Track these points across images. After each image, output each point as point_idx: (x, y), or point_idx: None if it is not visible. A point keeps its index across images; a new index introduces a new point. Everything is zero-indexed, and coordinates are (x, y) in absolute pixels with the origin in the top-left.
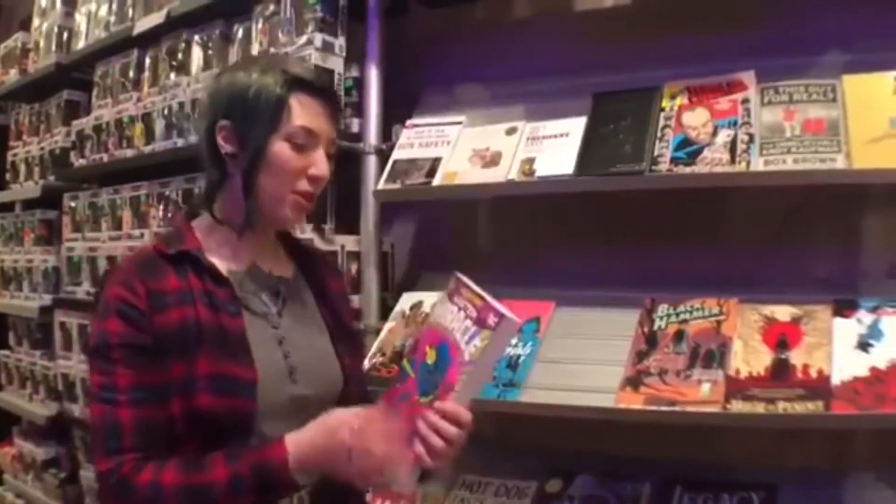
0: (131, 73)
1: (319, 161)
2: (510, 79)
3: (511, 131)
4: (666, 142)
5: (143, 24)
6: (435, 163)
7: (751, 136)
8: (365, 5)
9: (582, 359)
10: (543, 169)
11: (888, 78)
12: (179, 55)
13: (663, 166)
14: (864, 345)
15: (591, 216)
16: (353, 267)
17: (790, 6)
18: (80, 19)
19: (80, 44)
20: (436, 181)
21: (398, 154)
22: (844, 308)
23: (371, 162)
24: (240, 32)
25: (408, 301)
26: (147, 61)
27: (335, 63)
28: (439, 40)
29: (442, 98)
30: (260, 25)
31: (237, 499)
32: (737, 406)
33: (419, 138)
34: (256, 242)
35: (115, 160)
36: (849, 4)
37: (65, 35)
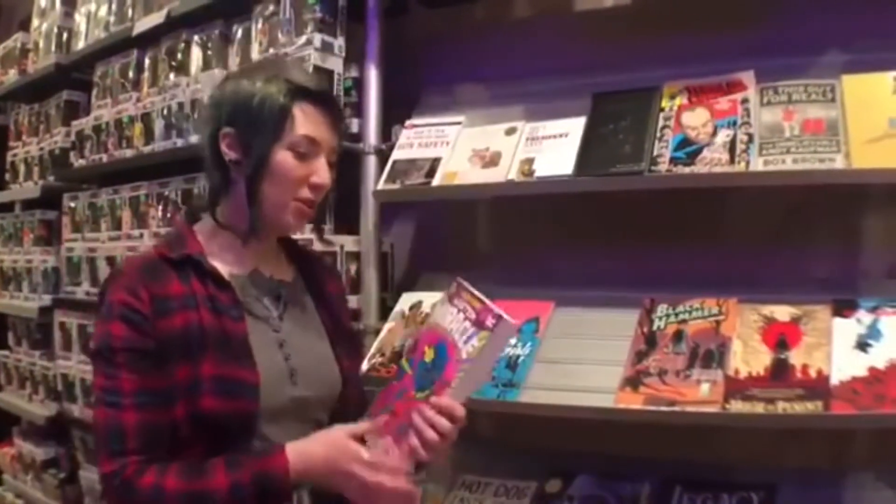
0: (131, 74)
1: (321, 169)
2: (510, 79)
3: (510, 131)
4: (665, 142)
5: (143, 25)
6: (434, 163)
7: (750, 136)
8: (364, 5)
9: (581, 359)
10: (543, 169)
11: (887, 78)
12: (179, 55)
13: (663, 166)
14: (864, 345)
15: (591, 216)
16: (353, 267)
17: (790, 6)
18: (80, 20)
19: (80, 44)
20: (435, 181)
21: (398, 154)
22: (844, 308)
23: (370, 162)
24: (239, 33)
25: (407, 301)
26: (146, 61)
27: (334, 63)
28: (439, 40)
29: (441, 98)
30: (259, 26)
31: None
32: (736, 406)
33: (419, 138)
34: (258, 247)
35: (115, 160)
36: (848, 4)
37: (64, 35)
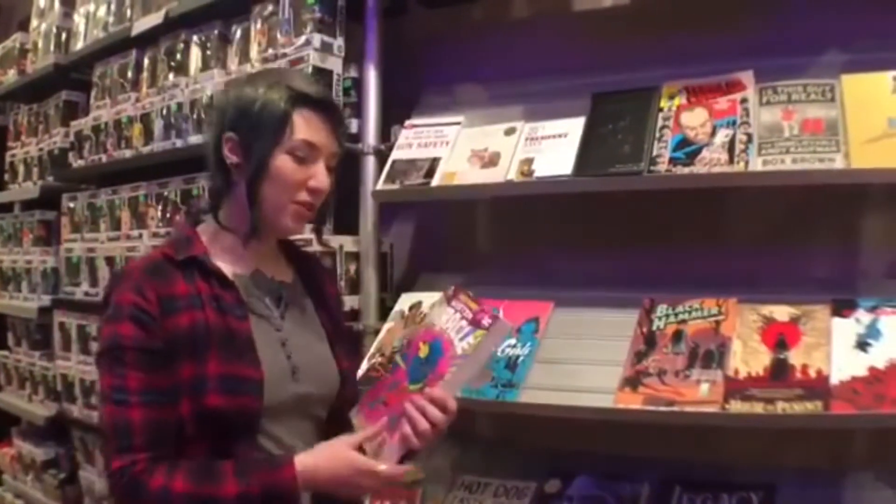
0: (130, 74)
1: (320, 174)
2: (509, 79)
3: (510, 131)
4: (664, 142)
5: (142, 25)
6: (434, 163)
7: (749, 136)
8: (363, 5)
9: (581, 359)
10: (542, 169)
11: (887, 78)
12: (178, 56)
13: (662, 166)
14: (863, 344)
15: (590, 216)
16: (352, 267)
17: (789, 6)
18: (79, 20)
19: (79, 44)
20: (434, 182)
21: (397, 154)
22: (843, 308)
23: (370, 162)
24: (238, 33)
25: (407, 301)
26: (145, 62)
27: (334, 63)
28: (438, 40)
29: (441, 98)
30: (258, 26)
31: None
32: (735, 406)
33: (418, 139)
34: (259, 249)
35: (114, 161)
36: (848, 4)
37: (63, 36)
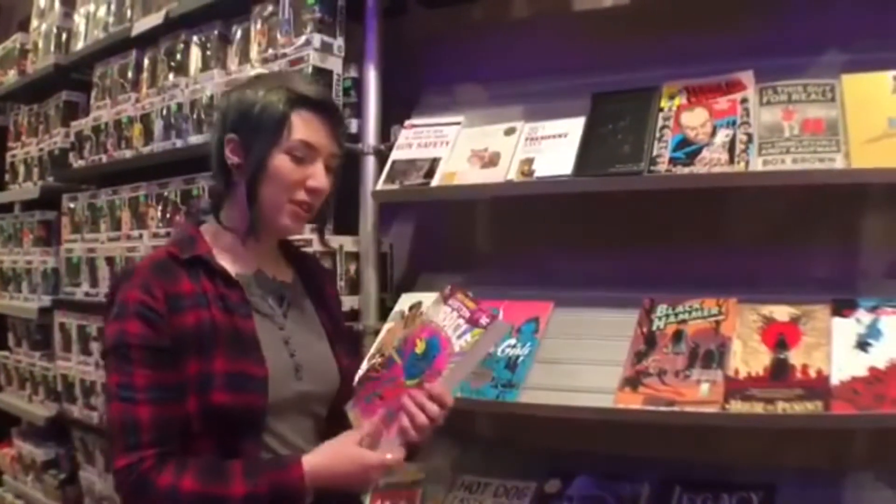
0: (130, 74)
1: (318, 174)
2: (509, 79)
3: (510, 132)
4: (664, 142)
5: (142, 25)
6: (433, 163)
7: (749, 136)
8: (363, 5)
9: (581, 359)
10: (542, 169)
11: (887, 77)
12: (178, 56)
13: (662, 166)
14: (863, 344)
15: (590, 216)
16: (352, 267)
17: (789, 6)
18: (79, 20)
19: (79, 45)
20: (434, 182)
21: (397, 154)
22: (843, 308)
23: (370, 162)
24: (238, 33)
25: (406, 301)
26: (146, 62)
27: (334, 63)
28: (438, 40)
29: (440, 98)
30: (258, 26)
31: None
32: (736, 406)
33: (418, 139)
34: (259, 249)
35: (114, 161)
36: (848, 4)
37: (63, 36)
